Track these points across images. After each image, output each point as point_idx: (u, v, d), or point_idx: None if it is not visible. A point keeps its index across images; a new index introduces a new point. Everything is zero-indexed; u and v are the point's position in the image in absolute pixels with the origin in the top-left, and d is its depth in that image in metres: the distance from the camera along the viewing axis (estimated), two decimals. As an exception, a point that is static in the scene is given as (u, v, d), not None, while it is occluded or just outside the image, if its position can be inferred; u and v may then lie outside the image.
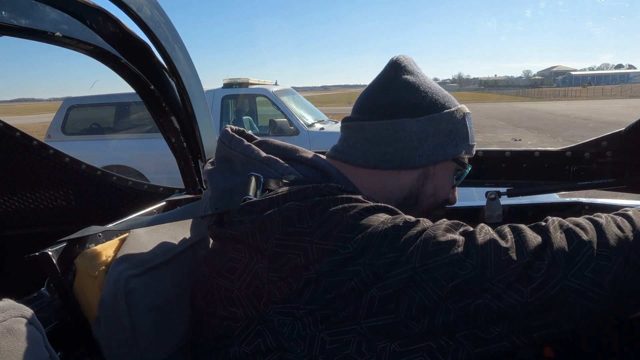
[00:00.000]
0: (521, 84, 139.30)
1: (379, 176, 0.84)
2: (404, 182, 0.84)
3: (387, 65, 0.88)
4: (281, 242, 0.64)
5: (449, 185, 0.89)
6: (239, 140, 0.82)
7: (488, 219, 1.25)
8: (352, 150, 0.84)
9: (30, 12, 0.96)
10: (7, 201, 1.72)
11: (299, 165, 0.80)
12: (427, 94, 0.84)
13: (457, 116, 0.86)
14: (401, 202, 0.84)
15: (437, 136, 0.83)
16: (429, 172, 0.85)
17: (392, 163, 0.82)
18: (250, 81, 6.68)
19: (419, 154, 0.82)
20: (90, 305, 0.81)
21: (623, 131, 1.18)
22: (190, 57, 1.31)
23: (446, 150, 0.84)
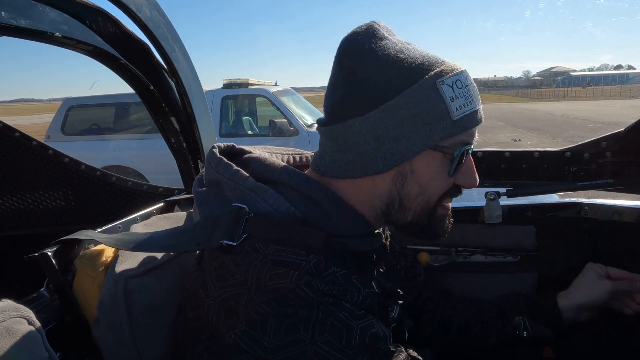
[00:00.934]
0: (521, 84, 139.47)
1: (355, 186, 0.73)
2: (380, 188, 0.73)
3: (336, 52, 0.74)
4: (239, 341, 0.61)
5: (441, 176, 0.72)
6: (227, 165, 0.74)
7: (487, 219, 1.25)
8: (324, 161, 0.75)
9: (29, 12, 0.96)
10: (7, 201, 1.72)
11: (290, 193, 0.72)
12: (376, 81, 0.68)
13: (423, 92, 0.67)
14: (386, 210, 0.74)
15: (399, 128, 0.68)
16: (404, 171, 0.71)
17: (356, 171, 0.71)
18: (250, 81, 6.68)
19: (381, 156, 0.69)
20: (89, 306, 0.80)
21: (622, 132, 1.18)
22: (189, 57, 1.31)
23: (415, 142, 0.68)
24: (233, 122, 6.72)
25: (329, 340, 0.59)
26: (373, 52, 0.70)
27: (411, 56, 0.70)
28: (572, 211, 1.32)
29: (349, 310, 0.62)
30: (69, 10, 1.06)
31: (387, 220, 0.77)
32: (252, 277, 0.62)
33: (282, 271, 0.62)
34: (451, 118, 0.68)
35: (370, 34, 0.72)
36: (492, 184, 1.32)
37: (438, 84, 0.68)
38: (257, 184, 0.71)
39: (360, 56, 0.70)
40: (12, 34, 0.95)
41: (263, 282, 0.62)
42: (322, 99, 0.77)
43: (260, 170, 0.75)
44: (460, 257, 1.39)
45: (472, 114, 0.70)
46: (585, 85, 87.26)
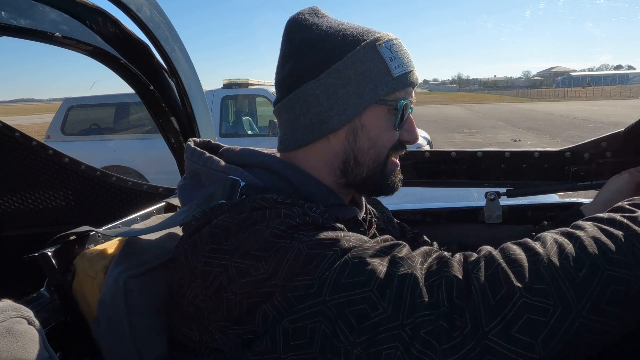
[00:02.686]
0: (521, 84, 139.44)
1: (314, 151, 0.80)
2: (336, 146, 0.78)
3: (283, 30, 0.82)
4: (208, 260, 0.64)
5: (388, 129, 0.79)
6: (200, 152, 0.80)
7: (487, 219, 1.25)
8: (285, 137, 0.81)
9: (30, 12, 0.96)
10: (7, 202, 1.72)
11: (259, 171, 0.79)
12: (323, 46, 0.76)
13: (366, 53, 0.76)
14: (344, 168, 0.80)
15: (347, 86, 0.75)
16: (355, 126, 0.77)
17: (315, 133, 0.78)
18: (250, 81, 6.68)
19: (334, 113, 0.76)
20: (89, 306, 0.80)
21: (622, 132, 1.18)
22: (189, 57, 1.31)
23: (362, 98, 0.75)
24: (233, 122, 6.72)
25: (283, 220, 0.64)
26: (317, 24, 0.79)
27: (351, 26, 0.79)
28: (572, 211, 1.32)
29: (302, 209, 0.67)
30: (69, 10, 1.06)
31: (346, 181, 0.81)
32: (211, 215, 0.68)
33: (241, 200, 0.69)
34: (392, 75, 0.76)
35: (312, 12, 0.81)
36: (492, 184, 1.32)
37: (377, 46, 0.76)
38: (230, 166, 0.77)
39: (307, 28, 0.79)
40: (12, 34, 0.95)
41: (224, 210, 0.68)
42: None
43: (232, 157, 0.82)
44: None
45: (409, 74, 0.78)
46: (585, 86, 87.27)
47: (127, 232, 0.88)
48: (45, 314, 0.80)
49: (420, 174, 1.38)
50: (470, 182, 1.35)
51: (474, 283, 0.55)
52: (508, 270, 0.55)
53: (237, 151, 0.83)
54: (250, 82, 6.68)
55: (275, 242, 0.62)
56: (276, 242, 0.62)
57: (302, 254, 0.60)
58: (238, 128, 6.68)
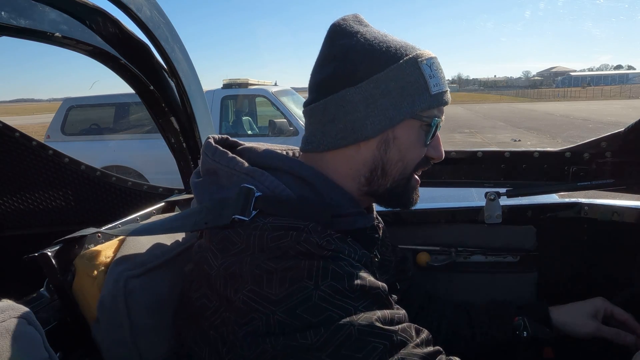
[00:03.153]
0: (520, 84, 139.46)
1: (342, 156, 0.80)
2: (365, 154, 0.79)
3: (326, 35, 0.82)
4: (248, 300, 0.64)
5: (418, 145, 0.81)
6: (223, 152, 0.79)
7: (487, 219, 1.25)
8: (313, 138, 0.81)
9: (29, 12, 0.96)
10: (7, 202, 1.72)
11: (285, 176, 0.78)
12: (367, 55, 0.77)
13: (408, 68, 0.77)
14: (369, 177, 0.80)
15: (387, 98, 0.76)
16: (388, 137, 0.78)
17: (347, 139, 0.78)
18: (250, 81, 6.68)
19: (370, 122, 0.76)
20: (89, 306, 0.80)
21: (622, 132, 1.18)
22: (189, 57, 1.31)
23: (400, 110, 0.76)
24: (233, 122, 6.72)
25: (332, 284, 0.63)
26: (362, 33, 0.79)
27: (394, 39, 0.80)
28: (572, 211, 1.32)
29: (347, 260, 0.67)
30: (69, 10, 1.06)
31: (369, 190, 0.81)
32: (253, 242, 0.67)
33: (282, 233, 0.66)
34: (430, 92, 0.78)
35: (356, 20, 0.83)
36: (492, 184, 1.32)
37: (419, 63, 0.77)
38: (254, 168, 0.76)
39: (351, 34, 0.79)
40: (12, 34, 0.95)
41: (265, 244, 0.66)
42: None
43: (255, 157, 0.81)
44: (460, 257, 1.39)
45: (444, 93, 0.80)
46: (585, 86, 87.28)
47: (133, 231, 0.87)
48: (45, 314, 0.80)
49: (420, 174, 1.38)
50: (470, 182, 1.35)
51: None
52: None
53: (261, 152, 0.82)
54: (250, 82, 6.67)
55: (325, 309, 0.62)
56: (326, 308, 0.62)
57: (353, 337, 0.61)
58: (238, 128, 6.68)
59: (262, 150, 0.82)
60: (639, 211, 1.21)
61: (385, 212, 1.37)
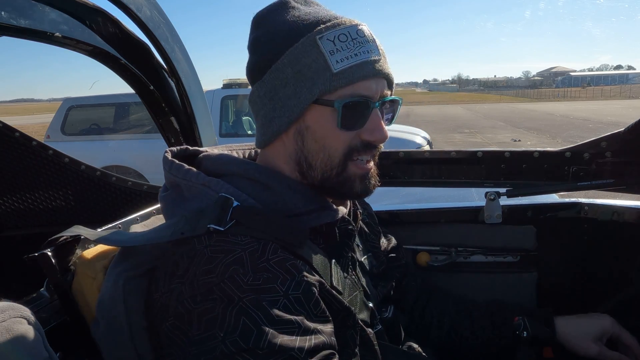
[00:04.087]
0: (520, 84, 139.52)
1: (274, 151, 0.79)
2: (289, 147, 0.76)
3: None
4: (169, 333, 0.66)
5: (334, 130, 0.73)
6: (178, 165, 0.77)
7: (487, 219, 1.25)
8: (257, 134, 0.81)
9: (30, 12, 0.96)
10: (7, 202, 1.72)
11: (242, 181, 0.76)
12: (268, 43, 0.73)
13: (304, 48, 0.70)
14: (300, 170, 0.77)
15: (287, 86, 0.72)
16: (300, 127, 0.74)
17: (267, 135, 0.76)
18: (250, 81, 6.68)
19: (277, 115, 0.74)
20: (89, 306, 0.80)
21: (622, 132, 1.18)
22: (189, 57, 1.31)
23: (299, 98, 0.71)
24: (233, 122, 6.71)
25: (237, 341, 0.59)
26: (273, 20, 0.75)
27: (303, 18, 0.73)
28: (572, 211, 1.32)
29: (266, 312, 0.61)
30: (69, 10, 1.06)
31: (307, 182, 0.78)
32: (190, 271, 0.65)
33: (213, 265, 0.64)
34: (331, 71, 0.69)
35: (278, 4, 0.77)
36: (492, 184, 1.32)
37: (317, 40, 0.70)
38: (209, 178, 0.74)
39: (262, 25, 0.76)
40: (12, 34, 0.95)
41: (196, 277, 0.64)
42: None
43: (211, 165, 0.79)
44: (460, 257, 1.39)
45: (357, 66, 0.70)
46: (585, 86, 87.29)
47: (115, 241, 0.82)
48: (45, 314, 0.80)
49: (420, 174, 1.38)
50: (470, 182, 1.35)
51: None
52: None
53: (215, 157, 0.80)
54: (250, 82, 6.67)
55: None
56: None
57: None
58: (238, 128, 6.68)
59: (216, 155, 0.80)
60: (639, 211, 1.21)
61: (383, 211, 1.37)
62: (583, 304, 1.29)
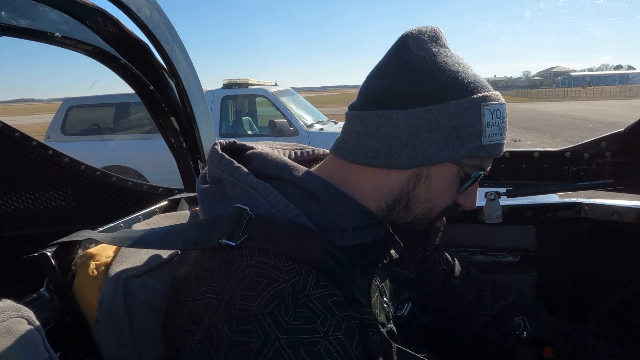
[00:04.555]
0: (520, 84, 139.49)
1: (369, 175, 0.74)
2: (393, 182, 0.74)
3: (395, 42, 0.74)
4: (194, 348, 0.63)
5: (450, 190, 0.75)
6: (228, 161, 0.75)
7: (487, 219, 1.25)
8: (345, 145, 0.75)
9: (29, 12, 0.96)
10: (7, 202, 1.72)
11: (290, 188, 0.73)
12: (427, 81, 0.70)
13: (468, 109, 0.69)
14: (391, 205, 0.75)
15: (434, 133, 0.69)
16: (421, 173, 0.73)
17: (378, 161, 0.72)
18: (250, 81, 6.68)
19: (406, 153, 0.70)
20: (89, 306, 0.80)
21: (622, 132, 1.18)
22: (189, 57, 1.31)
23: (442, 152, 0.70)
24: (233, 122, 6.72)
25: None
26: (433, 54, 0.71)
27: (465, 72, 0.72)
28: (572, 211, 1.32)
29: (309, 341, 0.60)
30: (69, 10, 1.06)
31: (387, 216, 0.77)
32: (227, 289, 0.63)
33: (255, 293, 0.61)
34: (481, 142, 0.71)
35: (433, 37, 0.73)
36: (492, 184, 1.32)
37: (482, 106, 0.70)
38: (258, 181, 0.72)
39: (420, 54, 0.71)
40: (12, 34, 0.95)
41: (234, 298, 0.62)
42: (321, 99, 0.78)
43: (262, 166, 0.76)
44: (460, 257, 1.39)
45: (498, 145, 0.73)
46: (585, 86, 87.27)
47: (127, 243, 0.81)
48: (45, 314, 0.80)
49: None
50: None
51: None
52: None
53: (269, 160, 0.76)
54: (250, 82, 6.67)
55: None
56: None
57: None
58: (238, 128, 6.68)
59: (269, 158, 0.77)
60: (639, 211, 1.21)
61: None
62: (583, 304, 1.29)
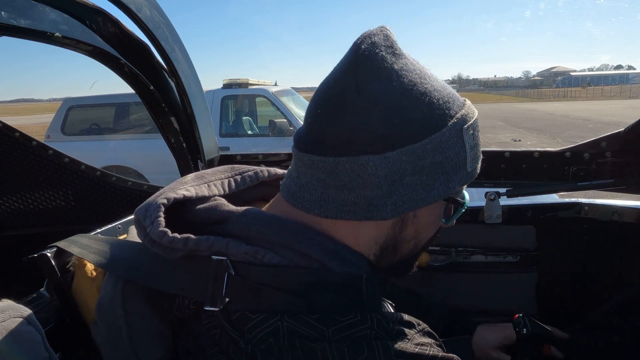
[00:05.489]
0: (521, 84, 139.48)
1: (347, 227, 0.62)
2: (377, 232, 0.63)
3: (345, 59, 0.59)
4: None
5: (435, 225, 0.69)
6: (230, 242, 0.61)
7: (487, 219, 1.25)
8: (307, 195, 0.61)
9: (30, 12, 0.96)
10: (7, 201, 1.72)
11: (287, 253, 0.61)
12: (403, 113, 0.56)
13: (451, 139, 0.59)
14: (379, 255, 0.65)
15: (418, 175, 0.58)
16: (407, 216, 0.63)
17: (356, 214, 0.59)
18: (250, 81, 6.69)
19: (392, 202, 0.58)
20: (88, 307, 0.80)
21: (622, 132, 1.18)
22: (189, 57, 1.31)
23: (431, 191, 0.59)
24: (233, 122, 6.72)
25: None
26: (398, 75, 0.58)
27: (434, 87, 0.60)
28: (572, 211, 1.32)
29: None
30: (69, 10, 1.06)
31: (376, 266, 0.67)
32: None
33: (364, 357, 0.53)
34: (466, 169, 0.62)
35: (389, 47, 0.59)
36: (492, 184, 1.32)
37: (464, 131, 0.60)
38: (255, 249, 0.60)
39: (385, 76, 0.57)
40: (12, 34, 0.95)
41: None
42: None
43: (241, 230, 0.63)
44: (460, 257, 1.39)
45: (478, 166, 0.66)
46: (585, 86, 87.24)
47: (114, 269, 0.76)
48: (46, 314, 0.80)
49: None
50: (471, 182, 1.35)
51: None
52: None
53: (246, 220, 0.63)
54: (250, 82, 6.68)
55: None
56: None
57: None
58: (238, 128, 6.68)
59: (250, 220, 0.63)
60: (639, 211, 1.21)
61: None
62: (583, 304, 1.29)
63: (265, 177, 0.78)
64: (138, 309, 0.78)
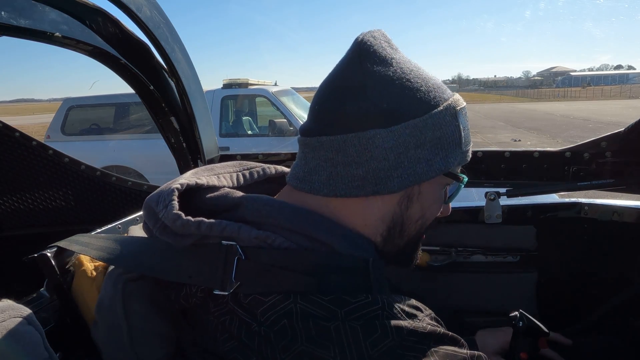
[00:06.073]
0: (521, 84, 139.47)
1: (354, 206, 0.65)
2: (384, 209, 0.66)
3: (350, 51, 0.66)
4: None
5: (438, 202, 0.71)
6: (243, 228, 0.62)
7: (487, 219, 1.25)
8: (315, 177, 0.65)
9: (30, 12, 0.96)
10: (6, 202, 1.72)
11: (296, 238, 0.62)
12: (405, 92, 0.63)
13: (447, 117, 0.65)
14: (386, 235, 0.68)
15: (421, 148, 0.63)
16: (412, 192, 0.66)
17: (365, 189, 0.63)
18: (250, 81, 6.69)
19: (397, 175, 0.63)
20: (88, 307, 0.80)
21: (622, 132, 1.18)
22: (189, 57, 1.31)
23: (433, 165, 0.64)
24: (233, 122, 6.72)
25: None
26: (398, 63, 0.65)
27: (428, 75, 0.67)
28: (572, 211, 1.32)
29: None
30: (69, 10, 1.06)
31: (382, 249, 0.69)
32: (350, 352, 0.54)
33: (377, 334, 0.54)
34: (462, 148, 0.68)
35: (388, 41, 0.67)
36: (492, 184, 1.32)
37: (459, 112, 0.67)
38: (267, 233, 0.62)
39: (387, 62, 0.64)
40: (12, 34, 0.95)
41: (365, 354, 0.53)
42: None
43: (253, 215, 0.64)
44: (460, 257, 1.39)
45: (469, 151, 0.71)
46: (585, 86, 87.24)
47: (118, 262, 0.76)
48: (46, 314, 0.80)
49: None
50: (471, 182, 1.35)
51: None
52: None
53: (257, 206, 0.64)
54: (250, 82, 6.68)
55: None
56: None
57: None
58: (238, 128, 6.68)
59: (260, 206, 0.64)
60: (639, 211, 1.21)
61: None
62: (583, 304, 1.29)
63: (272, 174, 0.80)
64: (138, 308, 0.78)
